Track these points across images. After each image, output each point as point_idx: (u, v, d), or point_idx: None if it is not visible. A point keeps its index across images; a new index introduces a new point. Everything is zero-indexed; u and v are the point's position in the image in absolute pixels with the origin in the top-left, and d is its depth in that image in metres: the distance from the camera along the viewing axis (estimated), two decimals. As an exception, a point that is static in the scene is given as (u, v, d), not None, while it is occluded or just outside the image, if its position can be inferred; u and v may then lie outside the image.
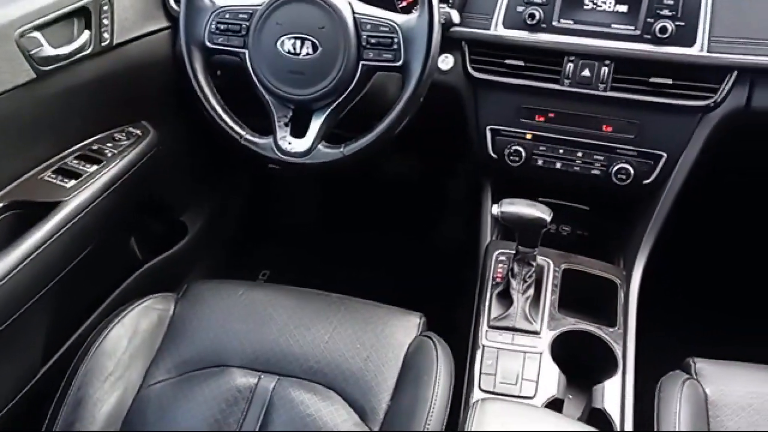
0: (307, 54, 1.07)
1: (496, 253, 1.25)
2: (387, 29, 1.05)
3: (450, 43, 1.27)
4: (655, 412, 0.96)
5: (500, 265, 1.22)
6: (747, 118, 1.17)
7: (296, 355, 1.07)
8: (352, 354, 1.06)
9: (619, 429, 0.98)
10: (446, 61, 1.28)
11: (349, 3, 1.06)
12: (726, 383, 1.00)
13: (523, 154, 1.27)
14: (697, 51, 1.13)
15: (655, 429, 0.93)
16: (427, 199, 1.89)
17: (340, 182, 1.98)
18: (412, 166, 1.90)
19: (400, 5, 1.32)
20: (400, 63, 1.05)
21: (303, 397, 1.02)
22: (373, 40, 1.05)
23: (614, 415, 1.00)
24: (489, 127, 1.29)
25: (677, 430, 0.92)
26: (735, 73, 1.14)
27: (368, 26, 1.05)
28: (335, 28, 1.05)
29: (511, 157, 1.28)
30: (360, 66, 1.07)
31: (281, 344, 1.08)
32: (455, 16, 1.18)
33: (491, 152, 1.30)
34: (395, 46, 1.04)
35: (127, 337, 1.08)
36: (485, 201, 1.34)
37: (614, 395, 1.03)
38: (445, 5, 1.21)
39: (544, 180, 1.31)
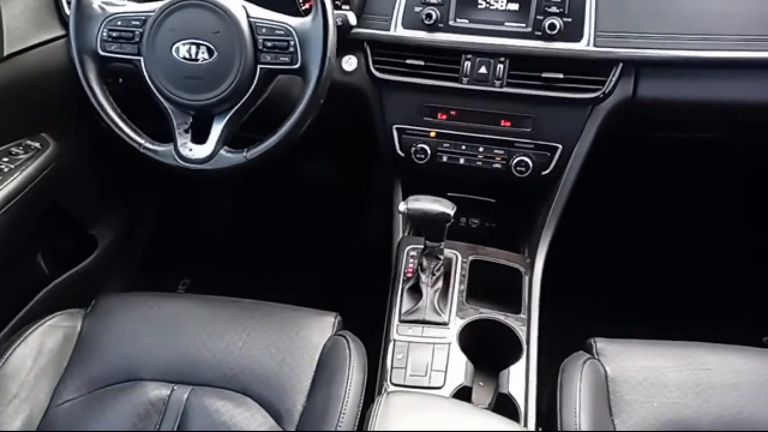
0: (203, 59, 1.06)
1: (408, 248, 1.28)
2: (282, 32, 1.05)
3: (352, 44, 1.29)
4: (557, 392, 1.00)
5: (411, 260, 1.25)
6: (634, 107, 1.23)
7: (209, 363, 1.06)
8: (267, 358, 1.06)
9: (523, 412, 1.02)
10: (350, 63, 1.30)
11: (244, 7, 1.06)
12: (624, 360, 1.05)
13: (429, 151, 1.30)
14: (584, 46, 1.19)
15: (558, 409, 0.97)
16: (347, 199, 1.90)
17: (259, 185, 1.97)
18: (329, 166, 1.91)
19: (303, 8, 1.32)
20: (297, 65, 1.06)
21: (217, 405, 1.01)
22: (269, 44, 1.06)
23: (519, 398, 1.04)
24: (395, 127, 1.32)
25: (578, 408, 0.96)
26: (620, 65, 1.20)
27: (263, 30, 1.06)
28: (230, 32, 1.05)
29: (418, 155, 1.30)
30: (258, 69, 1.07)
31: (194, 354, 1.07)
32: (352, 18, 1.20)
33: (399, 151, 1.32)
34: (291, 49, 1.05)
35: (32, 357, 1.05)
36: (396, 198, 1.37)
37: (519, 379, 1.07)
38: (342, 7, 1.22)
39: (451, 176, 1.35)
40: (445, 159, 1.31)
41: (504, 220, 1.44)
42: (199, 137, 1.11)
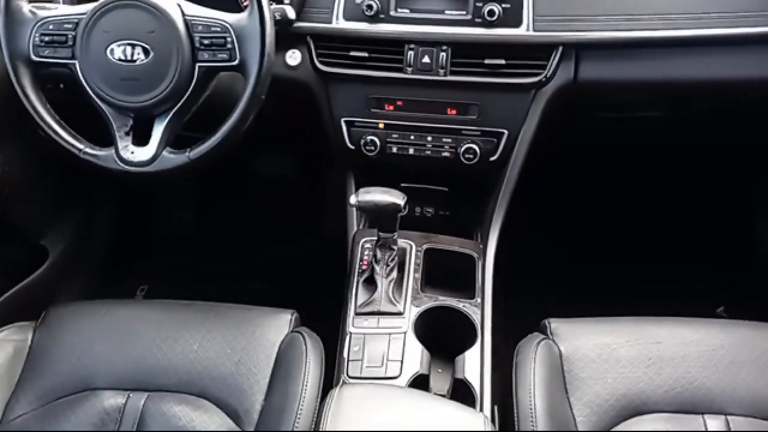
0: (140, 60, 1.04)
1: (362, 241, 1.28)
2: (219, 29, 1.04)
3: (295, 38, 1.29)
4: (513, 374, 1.02)
5: (366, 253, 1.25)
6: (576, 89, 1.25)
7: (165, 368, 1.05)
8: (223, 360, 1.06)
9: (478, 396, 1.03)
10: (294, 57, 1.29)
11: (179, 5, 1.05)
12: (578, 339, 1.07)
13: (378, 143, 1.30)
14: (524, 31, 1.20)
15: (514, 390, 0.99)
16: (304, 195, 1.89)
17: (215, 185, 1.95)
18: (284, 163, 1.90)
19: (244, 3, 1.31)
20: (236, 62, 1.04)
21: (175, 410, 1.00)
22: (206, 41, 1.04)
23: (474, 383, 1.05)
24: (343, 119, 1.32)
25: (533, 388, 0.98)
26: (560, 48, 1.22)
27: (200, 27, 1.04)
28: (165, 31, 1.03)
29: (367, 147, 1.31)
30: (196, 68, 1.05)
31: (149, 359, 1.06)
32: (291, 12, 1.19)
33: (348, 144, 1.32)
34: (229, 46, 1.04)
35: (-19, 373, 1.03)
36: (349, 192, 1.37)
37: (474, 364, 1.08)
38: (283, 1, 1.21)
39: (402, 166, 1.35)
40: (395, 150, 1.31)
41: (457, 208, 1.45)
42: (141, 139, 1.09)
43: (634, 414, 0.98)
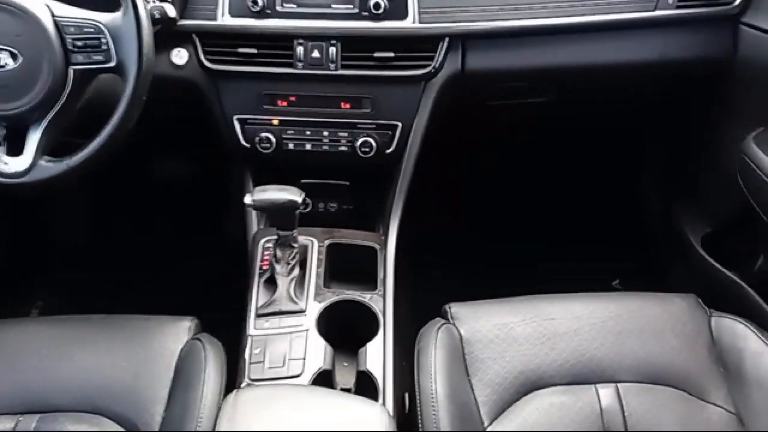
0: (7, 65, 0.98)
1: (262, 241, 1.26)
2: (92, 30, 0.99)
3: (180, 36, 1.25)
4: (415, 361, 1.03)
5: (266, 253, 1.23)
6: (465, 79, 1.28)
7: (58, 387, 1.01)
8: (120, 374, 1.02)
9: (381, 386, 1.05)
10: (180, 56, 1.26)
11: (47, 6, 0.99)
12: (477, 321, 1.10)
13: (273, 140, 1.29)
14: (410, 23, 1.22)
15: (416, 377, 1.00)
16: (205, 197, 1.84)
17: (113, 192, 1.87)
18: (181, 165, 1.85)
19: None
20: (113, 64, 1.00)
21: (69, 430, 0.96)
22: (79, 43, 0.99)
23: (377, 373, 1.06)
24: (236, 117, 1.29)
25: (434, 372, 1.00)
26: (447, 40, 1.24)
27: (71, 29, 0.99)
28: (34, 34, 0.98)
29: (262, 145, 1.29)
30: (70, 71, 1.00)
31: (40, 380, 1.01)
32: (170, 10, 1.15)
33: (243, 142, 1.30)
34: (104, 47, 0.99)
35: None
36: (246, 191, 1.34)
37: (376, 355, 1.09)
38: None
39: (301, 162, 1.34)
40: (291, 146, 1.30)
41: (361, 201, 1.45)
42: (16, 149, 1.03)
43: (531, 389, 1.02)
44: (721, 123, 1.44)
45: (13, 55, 0.98)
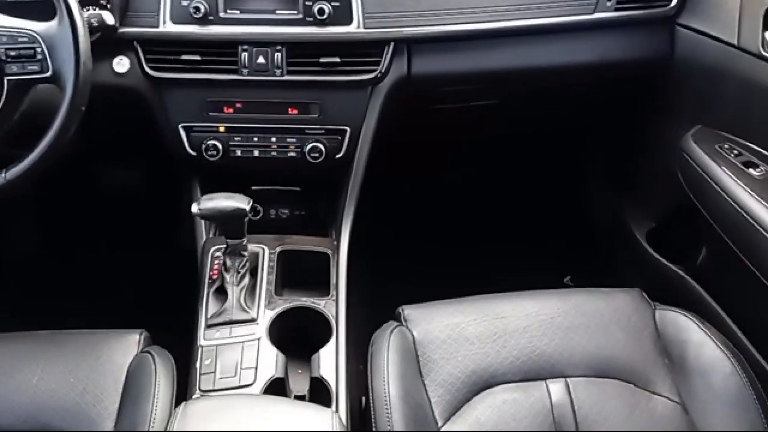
0: (-64, 78, 0.95)
1: (212, 250, 1.24)
2: (26, 39, 0.97)
3: (122, 44, 1.23)
4: (368, 365, 1.03)
5: (216, 262, 1.22)
6: (412, 83, 1.29)
7: (1, 407, 0.97)
8: (66, 390, 1.00)
9: (334, 392, 1.04)
10: (122, 64, 1.24)
11: (-22, 16, 0.97)
12: (429, 322, 1.11)
13: (220, 147, 1.27)
14: (354, 28, 1.22)
15: (369, 380, 1.01)
16: (156, 205, 1.81)
17: (59, 206, 1.82)
18: (129, 175, 1.81)
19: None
20: (49, 74, 0.98)
21: (13, 449, 0.93)
22: (13, 53, 0.97)
23: (330, 379, 1.06)
24: (181, 125, 1.28)
25: (387, 375, 1.00)
26: (392, 45, 1.25)
27: (4, 38, 0.97)
28: (-37, 44, 0.95)
29: (209, 152, 1.27)
30: (5, 82, 0.98)
31: (-19, 400, 0.98)
32: (109, 18, 1.13)
33: (189, 150, 1.29)
34: (39, 56, 0.97)
35: None
36: (194, 200, 1.32)
37: (330, 361, 1.08)
38: (96, 7, 1.15)
39: (250, 169, 1.33)
40: (239, 153, 1.29)
41: (313, 207, 1.45)
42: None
43: (484, 387, 1.03)
44: (661, 122, 1.49)
45: (-57, 67, 0.95)
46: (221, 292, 1.16)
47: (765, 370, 1.12)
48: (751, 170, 1.17)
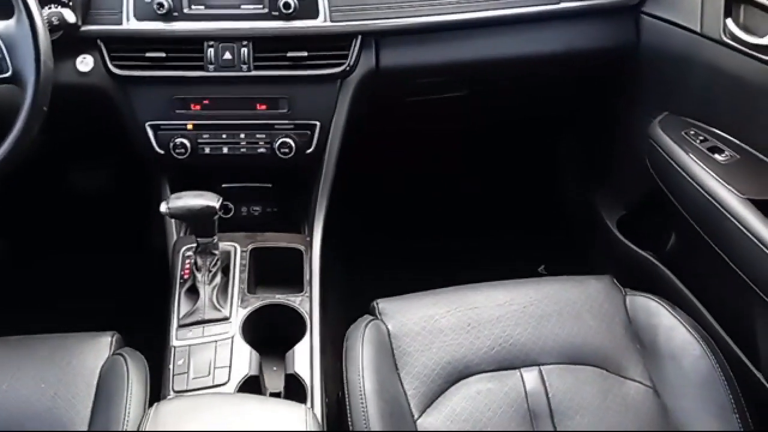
0: None
1: (183, 249, 1.23)
2: (-17, 39, 0.95)
3: (85, 42, 1.21)
4: (343, 359, 1.03)
5: (187, 261, 1.20)
6: (381, 76, 1.29)
7: None
8: (38, 395, 0.98)
9: (309, 388, 1.04)
10: (85, 62, 1.22)
11: (-68, 15, 0.94)
12: (404, 315, 1.11)
13: (188, 145, 1.26)
14: (321, 22, 1.22)
15: (344, 374, 1.00)
16: (126, 206, 1.78)
17: (27, 209, 1.78)
18: (99, 176, 1.78)
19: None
20: (9, 74, 0.96)
21: (-17, 458, 0.92)
22: (-31, 53, 0.94)
23: (305, 376, 1.06)
24: (148, 124, 1.26)
25: (361, 368, 1.00)
26: (359, 38, 1.25)
27: (-40, 38, 0.94)
28: None
29: (177, 150, 1.26)
30: (-38, 83, 0.95)
31: (-53, 410, 0.96)
32: (70, 16, 1.11)
33: (157, 148, 1.27)
34: None
35: None
36: (163, 198, 1.31)
37: (304, 357, 1.08)
38: (57, 5, 1.12)
39: (220, 166, 1.32)
40: (207, 150, 1.28)
41: (284, 203, 1.44)
42: None
43: (459, 378, 1.04)
44: (629, 109, 1.50)
45: None
46: (193, 292, 1.15)
47: (734, 353, 1.14)
48: (716, 155, 1.19)
